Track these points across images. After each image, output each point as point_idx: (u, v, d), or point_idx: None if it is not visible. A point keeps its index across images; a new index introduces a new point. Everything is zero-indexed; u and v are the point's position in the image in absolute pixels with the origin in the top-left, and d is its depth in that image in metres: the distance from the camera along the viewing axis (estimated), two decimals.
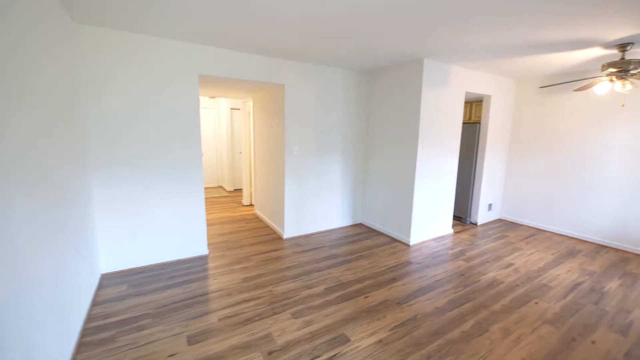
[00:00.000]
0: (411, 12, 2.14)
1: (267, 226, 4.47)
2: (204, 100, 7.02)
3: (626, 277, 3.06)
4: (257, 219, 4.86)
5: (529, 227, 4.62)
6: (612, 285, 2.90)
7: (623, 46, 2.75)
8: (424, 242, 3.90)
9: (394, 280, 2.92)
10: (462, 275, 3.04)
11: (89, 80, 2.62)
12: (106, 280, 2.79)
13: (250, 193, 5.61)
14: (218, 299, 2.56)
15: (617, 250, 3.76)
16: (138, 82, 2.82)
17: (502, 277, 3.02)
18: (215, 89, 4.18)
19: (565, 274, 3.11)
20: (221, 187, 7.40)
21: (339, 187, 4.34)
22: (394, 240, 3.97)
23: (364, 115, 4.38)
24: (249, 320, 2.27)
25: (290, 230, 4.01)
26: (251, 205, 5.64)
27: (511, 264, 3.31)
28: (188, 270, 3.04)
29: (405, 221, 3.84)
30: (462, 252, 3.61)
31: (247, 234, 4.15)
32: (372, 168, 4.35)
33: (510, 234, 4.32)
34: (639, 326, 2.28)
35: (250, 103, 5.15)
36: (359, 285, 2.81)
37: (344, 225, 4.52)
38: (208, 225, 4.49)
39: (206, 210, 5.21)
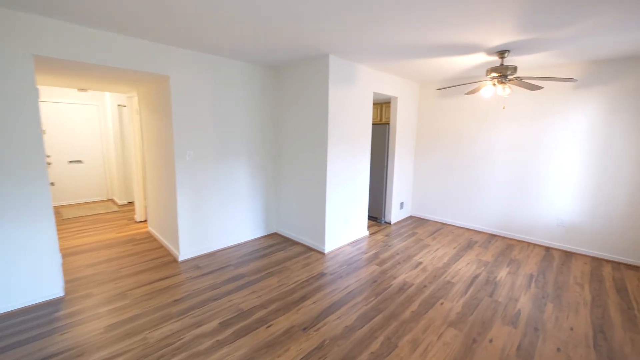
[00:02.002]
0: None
1: (162, 247, 3.71)
2: (81, 95, 5.67)
3: (512, 264, 3.37)
4: (150, 238, 4.02)
5: (435, 222, 4.91)
6: (502, 274, 3.14)
7: (502, 53, 2.98)
8: (339, 248, 3.72)
9: (303, 299, 2.60)
10: (375, 282, 2.91)
11: None
12: None
13: (144, 206, 4.68)
14: None
15: (504, 238, 4.22)
16: None
17: (412, 278, 2.99)
18: (79, 78, 3.24)
19: (465, 267, 3.27)
20: (112, 200, 6.12)
21: (246, 196, 3.86)
22: (309, 249, 3.69)
23: (273, 115, 4.00)
24: None
25: (187, 250, 3.36)
26: (145, 221, 4.71)
27: (420, 263, 3.35)
28: (25, 326, 2.18)
29: (319, 228, 3.59)
30: (376, 255, 3.53)
31: (132, 259, 3.34)
32: (285, 172, 4.01)
33: (419, 230, 4.49)
34: (525, 314, 2.43)
35: (137, 98, 4.26)
36: (262, 312, 2.40)
37: (257, 236, 4.07)
38: (76, 253, 3.49)
39: (81, 233, 4.12)
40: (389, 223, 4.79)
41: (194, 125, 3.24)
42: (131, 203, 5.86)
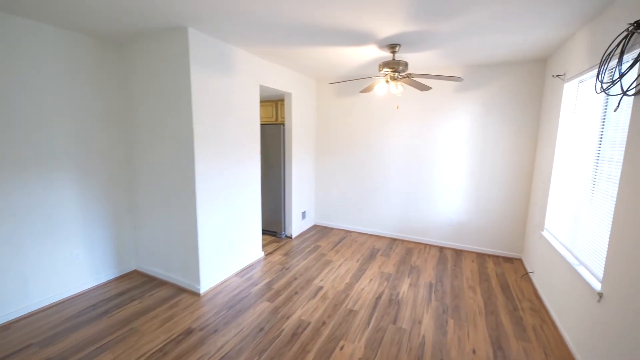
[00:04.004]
0: None
1: None
2: None
3: (412, 273, 3.20)
4: None
5: (339, 230, 4.58)
6: (404, 287, 2.90)
7: (393, 47, 2.70)
8: (223, 283, 2.91)
9: None
10: (262, 330, 2.23)
11: None
12: None
13: None
14: None
15: (403, 241, 4.14)
16: None
17: (309, 313, 2.44)
18: None
19: (368, 285, 2.92)
20: None
21: (79, 224, 2.67)
22: (181, 290, 2.77)
23: (121, 110, 2.88)
24: None
25: None
26: None
27: (320, 288, 2.84)
28: None
29: (192, 260, 2.71)
30: (269, 286, 2.87)
31: None
32: (142, 187, 2.95)
33: (322, 242, 4.05)
34: (430, 341, 2.14)
35: None
36: None
37: (104, 281, 2.89)
38: None
39: None
40: (290, 237, 4.22)
41: None
42: None
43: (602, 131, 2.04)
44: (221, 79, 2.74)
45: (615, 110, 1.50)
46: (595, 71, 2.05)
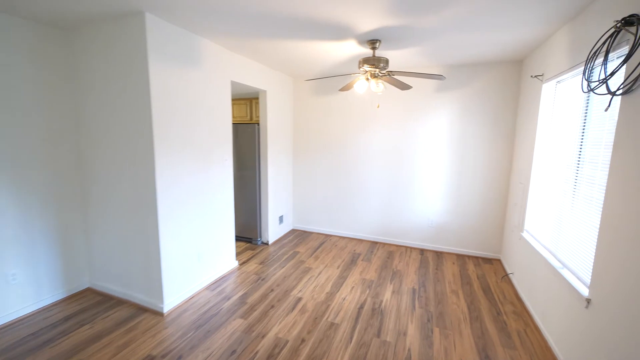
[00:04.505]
0: None
1: None
2: None
3: (395, 278, 3.09)
4: None
5: (318, 234, 4.40)
6: (387, 294, 2.77)
7: (373, 42, 2.56)
8: (190, 299, 2.63)
9: None
10: (233, 353, 2.00)
11: None
12: None
13: None
14: None
15: (384, 244, 4.04)
16: None
17: (287, 329, 2.24)
18: None
19: (350, 294, 2.76)
20: None
21: (19, 241, 2.29)
22: (141, 309, 2.46)
23: (69, 105, 2.52)
24: None
25: None
26: None
27: (299, 300, 2.65)
28: None
29: (154, 275, 2.42)
30: (243, 300, 2.63)
31: None
32: (95, 197, 2.60)
33: (301, 248, 3.86)
34: (416, 355, 2.02)
35: None
36: None
37: (48, 303, 2.51)
38: None
39: None
40: (267, 243, 3.98)
41: None
42: None
43: (583, 132, 2.01)
44: (187, 73, 2.47)
45: (606, 110, 1.43)
46: (576, 70, 2.02)
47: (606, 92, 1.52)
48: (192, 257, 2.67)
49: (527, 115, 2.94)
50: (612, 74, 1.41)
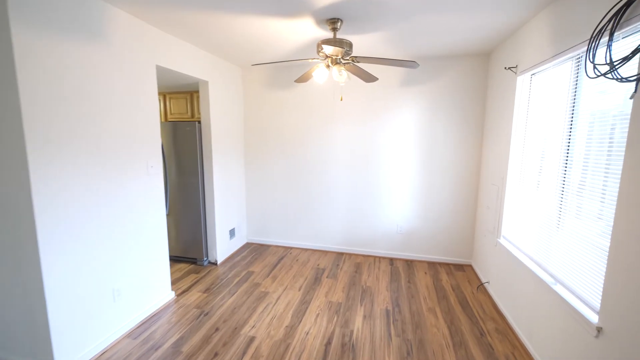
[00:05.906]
0: None
1: None
2: None
3: (365, 298, 2.69)
4: None
5: (277, 247, 3.88)
6: (358, 322, 2.35)
7: (333, 22, 2.12)
8: (100, 355, 1.96)
9: None
10: None
11: None
12: None
13: None
14: None
15: (351, 255, 3.64)
16: None
17: None
18: None
19: (314, 325, 2.29)
20: None
21: None
22: None
23: None
24: None
25: None
26: None
27: (252, 340, 2.11)
28: None
29: (39, 327, 1.71)
30: (176, 349, 2.02)
31: None
32: None
33: (256, 266, 3.30)
34: None
35: None
36: None
37: None
38: None
39: None
40: (215, 263, 3.35)
41: None
42: None
43: (570, 128, 1.77)
44: (84, 47, 1.81)
45: (631, 98, 1.14)
46: (563, 57, 1.78)
47: (619, 77, 1.24)
48: (104, 295, 1.99)
49: (498, 111, 2.73)
50: (637, 51, 1.12)
